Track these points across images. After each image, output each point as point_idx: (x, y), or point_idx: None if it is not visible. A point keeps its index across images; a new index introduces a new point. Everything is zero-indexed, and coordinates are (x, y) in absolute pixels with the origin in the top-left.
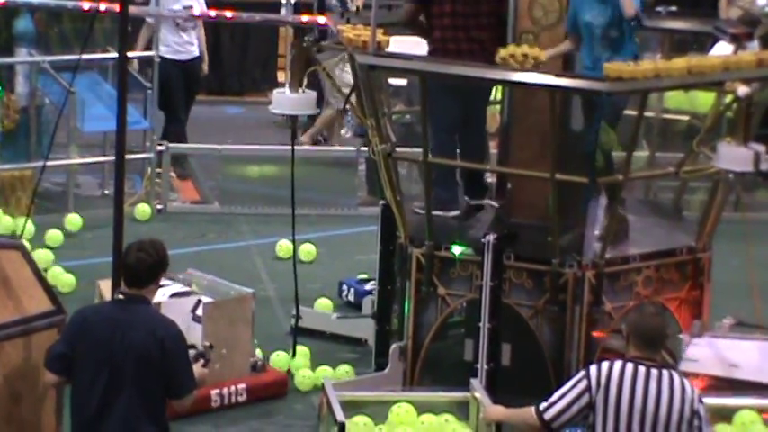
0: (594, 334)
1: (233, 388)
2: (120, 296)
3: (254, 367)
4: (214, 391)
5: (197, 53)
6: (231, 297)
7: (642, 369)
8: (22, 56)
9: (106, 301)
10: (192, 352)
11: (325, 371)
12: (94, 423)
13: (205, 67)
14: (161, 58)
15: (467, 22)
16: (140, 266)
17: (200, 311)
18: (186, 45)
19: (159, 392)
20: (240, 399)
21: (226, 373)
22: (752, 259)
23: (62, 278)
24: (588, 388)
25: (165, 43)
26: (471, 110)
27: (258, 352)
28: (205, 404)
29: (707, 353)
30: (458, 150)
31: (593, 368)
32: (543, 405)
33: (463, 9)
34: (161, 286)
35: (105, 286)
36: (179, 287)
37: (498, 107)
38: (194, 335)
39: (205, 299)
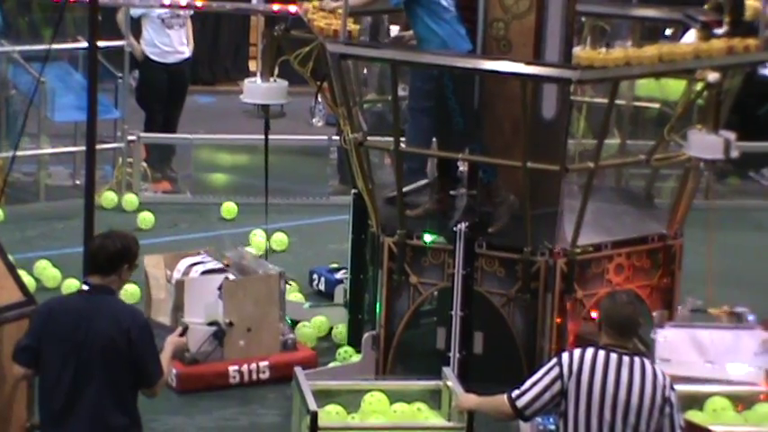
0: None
1: (254, 365)
2: (85, 287)
3: (285, 345)
4: (232, 368)
5: (187, 55)
6: (255, 276)
7: (614, 356)
8: None
9: (72, 293)
10: (211, 328)
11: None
12: (63, 415)
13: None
14: (146, 57)
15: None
16: (100, 254)
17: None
18: (175, 45)
19: (128, 382)
20: (262, 376)
21: (253, 350)
22: (713, 246)
23: (48, 272)
24: (560, 375)
25: (151, 44)
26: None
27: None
28: (222, 380)
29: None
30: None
31: (565, 355)
32: (515, 393)
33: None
34: (196, 264)
35: (150, 262)
36: (214, 264)
37: None
38: (220, 312)
39: (232, 277)
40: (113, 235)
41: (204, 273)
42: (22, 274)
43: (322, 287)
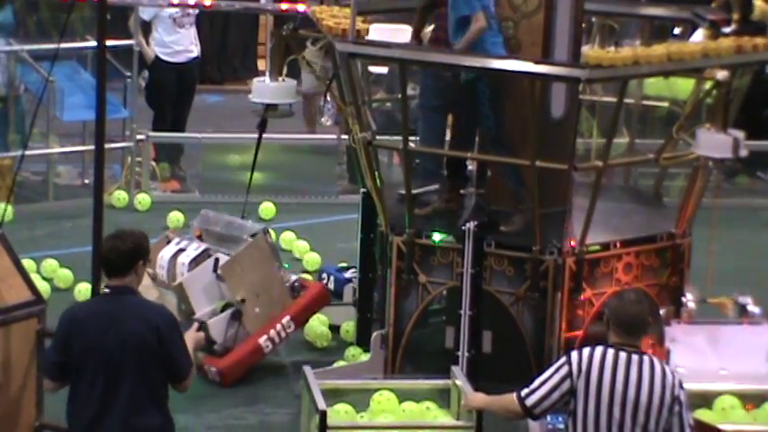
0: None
1: (278, 326)
2: (107, 290)
3: (294, 289)
4: (262, 339)
5: (195, 54)
6: (244, 249)
7: (623, 355)
8: (0, 46)
9: (93, 298)
10: (227, 312)
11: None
12: (97, 421)
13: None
14: (156, 57)
15: None
16: (113, 254)
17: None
18: (184, 44)
19: (161, 380)
20: (289, 331)
21: (268, 311)
22: (721, 244)
23: (59, 273)
24: (569, 374)
25: (162, 44)
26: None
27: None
28: (259, 354)
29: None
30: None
31: (574, 354)
32: (525, 391)
33: None
34: (176, 253)
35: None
36: (194, 248)
37: None
38: (224, 291)
39: (221, 256)
40: (122, 235)
41: (191, 263)
42: (35, 278)
43: (331, 286)
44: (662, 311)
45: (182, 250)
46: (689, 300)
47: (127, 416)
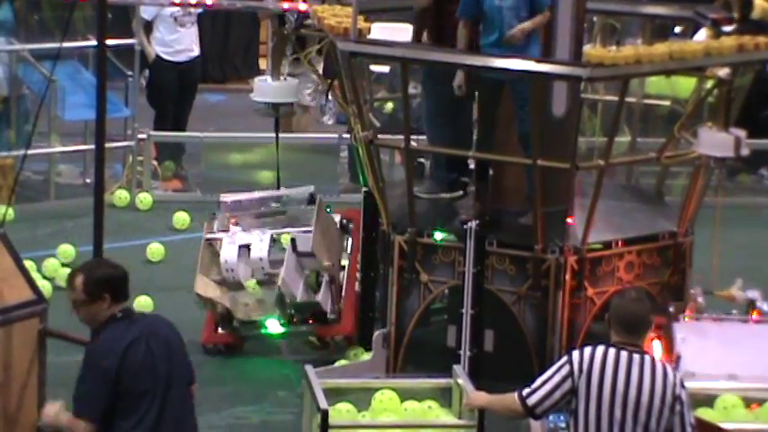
0: None
1: (357, 267)
2: (119, 314)
3: (343, 227)
4: (357, 287)
5: (197, 53)
6: (316, 219)
7: (624, 354)
8: (1, 45)
9: (110, 328)
10: (324, 281)
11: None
12: None
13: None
14: (157, 57)
15: None
16: (121, 281)
17: (303, 247)
18: (186, 43)
19: (190, 383)
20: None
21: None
22: (723, 243)
23: (60, 272)
24: (571, 373)
25: (163, 43)
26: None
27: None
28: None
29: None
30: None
31: (575, 354)
32: (526, 391)
33: None
34: (242, 249)
35: (200, 287)
36: (260, 239)
37: None
38: (304, 264)
39: (296, 235)
40: (113, 263)
41: (267, 251)
42: (36, 277)
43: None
44: (671, 308)
45: (244, 246)
46: (697, 294)
47: (179, 424)
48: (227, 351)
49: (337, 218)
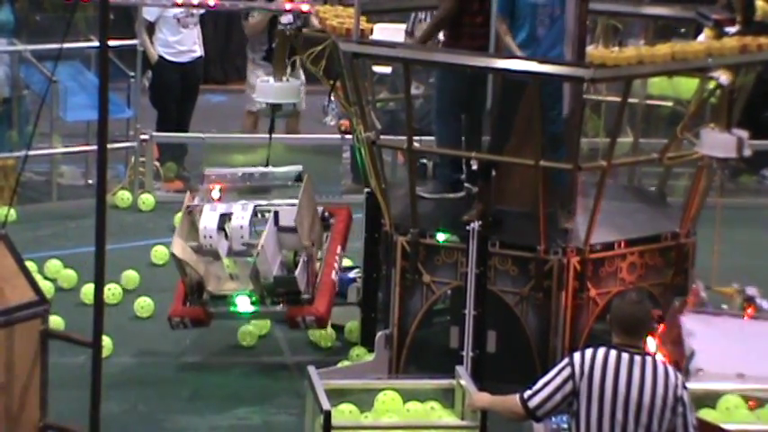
0: None
1: (336, 258)
2: None
3: (324, 219)
4: (332, 274)
5: (199, 54)
6: (302, 194)
7: (625, 356)
8: (2, 46)
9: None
10: (302, 260)
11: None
12: None
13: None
14: (160, 57)
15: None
16: None
17: (285, 221)
18: (188, 44)
19: None
20: (341, 259)
21: (318, 244)
22: (725, 243)
23: (62, 273)
24: (572, 375)
25: (165, 44)
26: (475, 94)
27: None
28: (334, 290)
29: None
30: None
31: (576, 355)
32: (527, 393)
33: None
34: (223, 217)
35: (177, 249)
36: (242, 209)
37: None
38: (283, 242)
39: (279, 209)
40: None
41: (250, 224)
42: (38, 278)
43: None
44: (675, 303)
45: (224, 215)
46: (699, 288)
47: None
48: (193, 326)
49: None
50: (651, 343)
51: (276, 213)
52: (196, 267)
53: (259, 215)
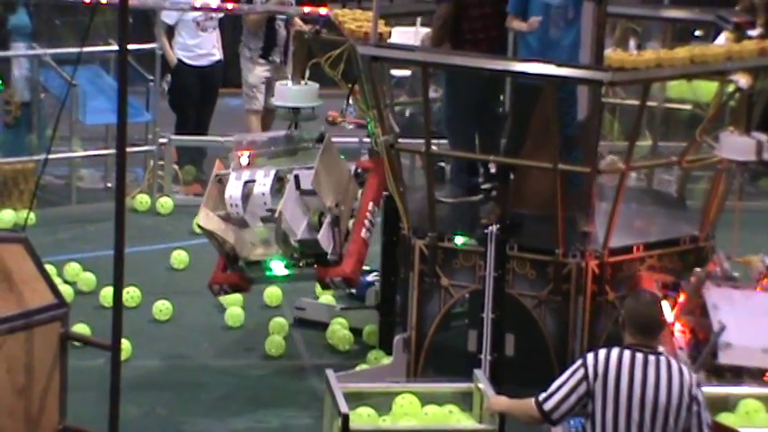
0: None
1: (368, 215)
2: None
3: (357, 176)
4: (363, 232)
5: (218, 57)
6: (320, 156)
7: (639, 356)
8: (20, 50)
9: None
10: (327, 221)
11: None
12: None
13: None
14: (179, 61)
15: (493, 14)
16: None
17: (307, 185)
18: (207, 48)
19: None
20: (375, 215)
21: (351, 202)
22: (744, 247)
23: (82, 276)
24: (586, 377)
25: (185, 47)
26: (489, 95)
27: None
28: (365, 248)
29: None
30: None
31: (590, 356)
32: (542, 396)
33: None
34: (247, 184)
35: (203, 220)
36: (264, 176)
37: None
38: (309, 204)
39: (300, 173)
40: None
41: (272, 191)
42: (58, 281)
43: (354, 289)
44: (697, 272)
45: (249, 182)
46: (722, 259)
47: None
48: (233, 292)
49: (352, 167)
50: (668, 311)
51: (297, 177)
52: (225, 236)
53: (284, 179)
